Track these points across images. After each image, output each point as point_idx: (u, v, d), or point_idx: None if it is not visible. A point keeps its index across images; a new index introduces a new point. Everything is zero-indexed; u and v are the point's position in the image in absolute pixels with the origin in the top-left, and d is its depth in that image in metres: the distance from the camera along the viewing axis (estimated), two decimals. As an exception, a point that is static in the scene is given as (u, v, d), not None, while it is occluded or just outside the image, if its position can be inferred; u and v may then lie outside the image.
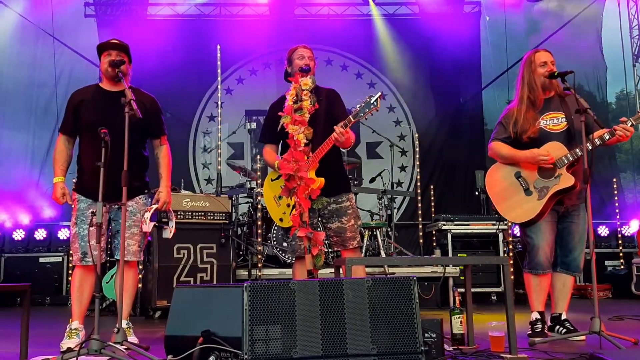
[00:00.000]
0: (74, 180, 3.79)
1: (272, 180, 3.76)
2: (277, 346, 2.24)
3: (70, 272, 6.82)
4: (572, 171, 3.44)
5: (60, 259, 7.10)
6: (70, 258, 3.50)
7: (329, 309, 2.34)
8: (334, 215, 3.58)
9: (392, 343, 2.33)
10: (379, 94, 3.35)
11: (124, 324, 3.41)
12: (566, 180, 3.40)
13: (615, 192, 7.93)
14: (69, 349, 3.13)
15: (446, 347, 3.01)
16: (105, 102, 3.46)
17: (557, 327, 3.54)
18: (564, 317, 3.55)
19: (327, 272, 5.08)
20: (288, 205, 3.61)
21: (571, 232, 3.56)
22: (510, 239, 6.48)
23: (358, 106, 3.38)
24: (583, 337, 3.34)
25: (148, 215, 3.46)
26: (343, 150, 4.72)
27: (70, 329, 3.39)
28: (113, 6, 9.10)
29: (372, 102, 3.33)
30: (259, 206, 6.07)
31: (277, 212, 3.70)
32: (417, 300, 2.43)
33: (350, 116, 3.40)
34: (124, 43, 3.53)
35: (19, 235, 7.51)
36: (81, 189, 3.48)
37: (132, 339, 3.37)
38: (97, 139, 2.98)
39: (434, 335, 2.80)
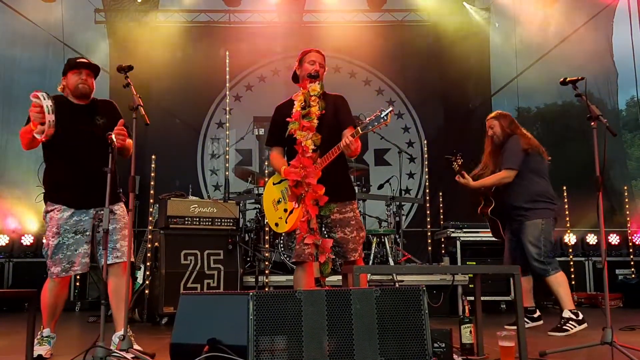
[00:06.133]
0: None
1: (274, 184, 3.72)
2: (283, 357, 2.20)
3: (77, 277, 6.82)
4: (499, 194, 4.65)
5: (68, 265, 7.09)
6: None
7: (336, 320, 2.30)
8: (337, 225, 3.54)
9: (400, 354, 2.30)
10: (390, 109, 3.27)
11: (119, 334, 3.37)
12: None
13: (627, 199, 7.85)
14: (40, 357, 3.16)
15: (455, 357, 2.97)
16: (76, 114, 3.44)
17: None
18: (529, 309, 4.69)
19: (334, 279, 5.04)
20: (285, 211, 3.57)
21: (521, 246, 4.54)
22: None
23: (368, 119, 3.32)
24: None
25: None
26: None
27: (42, 336, 3.36)
28: (123, 12, 9.16)
29: (382, 116, 3.25)
30: (266, 212, 6.05)
31: (274, 217, 3.67)
32: (427, 311, 2.39)
33: (358, 127, 3.35)
34: (95, 63, 3.56)
35: (27, 240, 7.53)
36: (59, 199, 3.39)
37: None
38: (68, 149, 3.13)
39: (443, 345, 2.77)
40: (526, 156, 4.51)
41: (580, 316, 4.26)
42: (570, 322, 4.23)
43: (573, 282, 7.14)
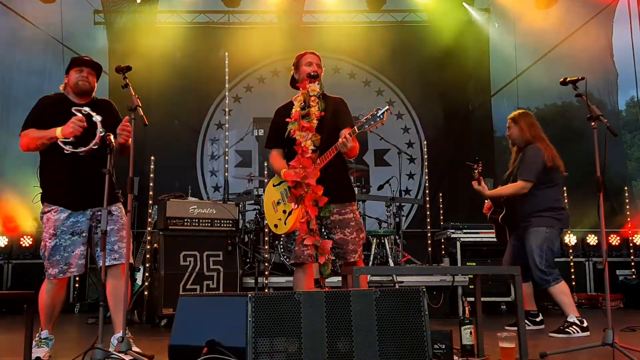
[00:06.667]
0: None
1: (273, 185, 3.71)
2: (282, 359, 2.20)
3: (77, 278, 6.80)
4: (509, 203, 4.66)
5: (67, 266, 7.07)
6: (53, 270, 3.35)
7: (335, 321, 2.29)
8: (337, 226, 3.52)
9: (400, 356, 2.29)
10: (387, 107, 3.26)
11: (118, 336, 3.35)
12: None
13: (627, 200, 7.83)
14: (38, 359, 3.13)
15: (456, 358, 2.96)
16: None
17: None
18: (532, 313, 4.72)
19: (334, 280, 5.02)
20: (284, 212, 3.56)
21: (524, 253, 4.53)
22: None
23: (364, 118, 3.31)
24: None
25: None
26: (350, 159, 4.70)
27: (40, 338, 3.33)
28: (122, 13, 9.14)
29: (378, 114, 3.25)
30: (266, 213, 6.04)
31: (273, 218, 3.65)
32: (427, 312, 2.38)
33: (355, 127, 3.34)
34: (97, 62, 3.55)
35: (26, 241, 7.52)
36: (56, 200, 3.36)
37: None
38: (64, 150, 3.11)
39: (443, 347, 2.75)
40: (546, 169, 4.46)
41: (585, 324, 4.22)
42: (574, 326, 4.20)
43: (573, 283, 7.13)
